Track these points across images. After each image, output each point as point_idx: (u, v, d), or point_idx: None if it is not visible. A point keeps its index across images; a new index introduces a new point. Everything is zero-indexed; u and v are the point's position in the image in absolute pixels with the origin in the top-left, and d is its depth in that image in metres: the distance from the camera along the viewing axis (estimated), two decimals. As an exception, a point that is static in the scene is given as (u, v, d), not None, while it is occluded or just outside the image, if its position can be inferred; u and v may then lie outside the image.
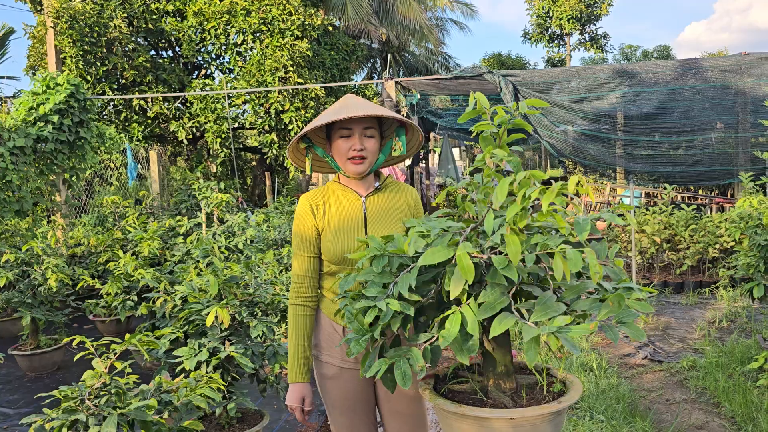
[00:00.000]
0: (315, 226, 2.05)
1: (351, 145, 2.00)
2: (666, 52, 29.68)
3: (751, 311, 5.96)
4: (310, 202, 2.08)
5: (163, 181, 10.59)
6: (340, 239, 2.01)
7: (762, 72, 7.81)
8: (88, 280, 4.62)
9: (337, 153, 2.04)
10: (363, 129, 2.01)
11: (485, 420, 1.34)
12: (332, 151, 2.08)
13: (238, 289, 3.13)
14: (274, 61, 8.99)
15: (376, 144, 2.05)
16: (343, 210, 2.05)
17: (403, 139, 2.08)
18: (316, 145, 2.14)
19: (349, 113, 1.93)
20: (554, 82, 8.34)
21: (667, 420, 3.71)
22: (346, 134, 2.01)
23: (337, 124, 2.02)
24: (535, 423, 1.33)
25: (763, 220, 4.20)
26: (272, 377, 3.15)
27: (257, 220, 6.13)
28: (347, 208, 2.06)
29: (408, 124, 2.08)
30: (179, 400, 2.40)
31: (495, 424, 1.33)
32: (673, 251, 7.32)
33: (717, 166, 8.53)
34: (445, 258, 1.32)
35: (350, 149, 2.01)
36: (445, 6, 21.86)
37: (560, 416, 1.40)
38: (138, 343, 2.42)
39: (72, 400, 2.19)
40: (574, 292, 1.31)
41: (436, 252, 1.33)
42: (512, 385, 1.47)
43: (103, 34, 8.79)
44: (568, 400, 1.40)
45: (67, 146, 7.38)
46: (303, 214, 2.07)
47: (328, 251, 2.02)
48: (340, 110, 1.98)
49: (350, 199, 2.07)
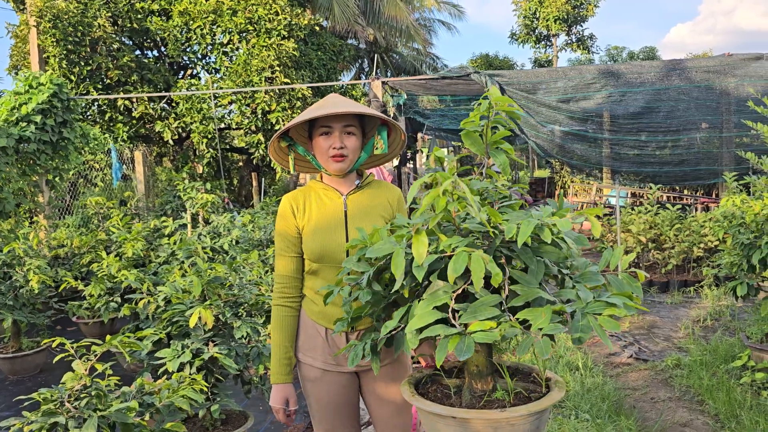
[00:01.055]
0: (296, 225, 2.05)
1: (331, 143, 2.00)
2: (652, 53, 29.94)
3: (735, 310, 6.01)
4: (291, 201, 2.08)
5: (148, 181, 10.50)
6: (319, 237, 2.01)
7: (745, 73, 7.88)
8: (71, 281, 4.57)
9: (318, 151, 2.04)
10: (343, 127, 2.00)
11: (465, 421, 1.33)
12: (313, 150, 2.07)
13: (222, 290, 3.10)
14: (261, 61, 8.95)
15: (357, 141, 2.04)
16: (324, 208, 2.05)
17: (384, 137, 2.07)
18: (297, 143, 2.13)
19: (327, 111, 1.93)
20: (541, 82, 8.37)
21: (652, 418, 3.73)
22: (326, 132, 2.01)
23: (318, 122, 2.02)
24: (515, 423, 1.32)
25: (746, 219, 4.24)
26: (257, 378, 3.13)
27: (243, 221, 6.10)
28: (328, 206, 2.05)
29: (389, 122, 2.08)
30: (161, 401, 2.37)
31: (473, 424, 1.32)
32: (658, 250, 7.37)
33: (702, 165, 8.59)
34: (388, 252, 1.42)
35: (330, 147, 2.00)
36: (433, 6, 21.89)
37: (542, 416, 1.39)
38: (119, 345, 2.39)
39: (52, 403, 2.16)
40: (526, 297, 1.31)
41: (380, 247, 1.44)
42: (486, 387, 1.46)
43: (87, 33, 8.70)
44: (549, 400, 1.39)
45: (50, 147, 7.29)
46: (284, 213, 2.07)
47: (308, 249, 2.02)
48: (319, 108, 1.98)
49: (331, 198, 2.06)
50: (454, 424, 1.34)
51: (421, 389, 1.60)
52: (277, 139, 2.11)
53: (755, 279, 4.25)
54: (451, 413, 1.35)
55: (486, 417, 1.32)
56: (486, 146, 1.54)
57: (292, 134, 2.14)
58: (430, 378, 1.66)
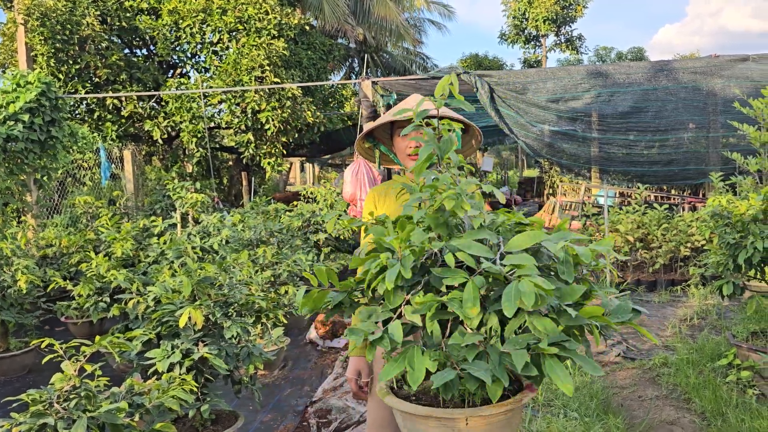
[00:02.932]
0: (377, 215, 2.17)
1: (408, 143, 2.14)
2: (640, 54, 30.14)
3: (721, 309, 6.07)
4: (374, 193, 2.26)
5: (137, 181, 10.45)
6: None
7: (732, 74, 7.95)
8: (60, 281, 4.55)
9: (398, 150, 2.21)
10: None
11: (429, 419, 1.34)
12: (394, 148, 2.24)
13: (212, 290, 3.10)
14: (251, 60, 8.92)
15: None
16: (403, 201, 2.18)
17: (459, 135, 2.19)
18: (380, 142, 2.30)
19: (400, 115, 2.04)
20: (530, 82, 8.40)
21: (639, 416, 3.77)
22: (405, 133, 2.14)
23: (397, 123, 2.16)
24: (491, 422, 1.33)
25: (732, 219, 4.28)
26: (247, 378, 3.13)
27: (233, 221, 6.09)
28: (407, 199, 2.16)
29: (467, 124, 2.18)
30: (151, 402, 2.37)
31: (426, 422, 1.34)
32: (646, 250, 7.43)
33: (690, 165, 8.66)
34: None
35: (407, 147, 2.15)
36: (422, 6, 21.90)
37: (516, 414, 1.39)
38: (109, 345, 2.39)
39: (40, 404, 2.15)
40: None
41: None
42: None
43: (76, 31, 8.64)
44: (521, 398, 1.39)
45: (38, 146, 7.24)
46: (368, 205, 2.25)
47: None
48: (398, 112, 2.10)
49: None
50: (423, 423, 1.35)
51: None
52: (361, 139, 2.27)
53: (741, 278, 4.30)
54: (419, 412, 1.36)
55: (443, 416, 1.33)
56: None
57: (376, 133, 2.30)
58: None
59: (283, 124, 9.29)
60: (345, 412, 3.98)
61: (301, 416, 4.01)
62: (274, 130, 9.09)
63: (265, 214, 7.39)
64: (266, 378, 4.75)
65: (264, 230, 6.04)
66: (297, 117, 9.47)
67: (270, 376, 4.79)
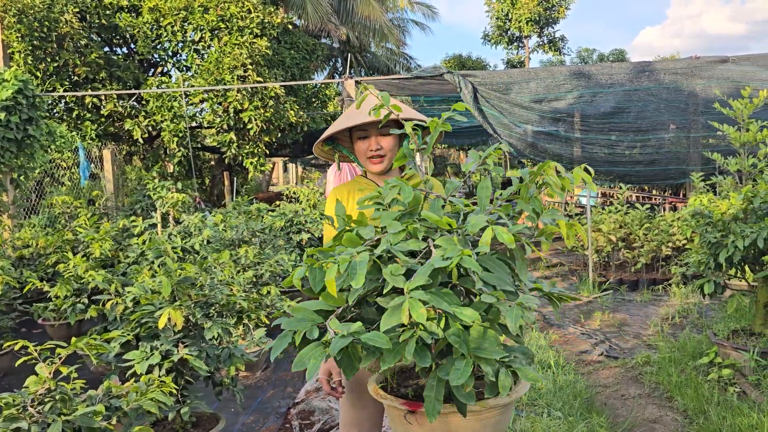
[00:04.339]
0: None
1: (368, 146, 2.12)
2: (621, 56, 30.44)
3: (702, 307, 6.12)
4: (336, 195, 2.22)
5: (117, 181, 10.31)
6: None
7: (712, 75, 8.04)
8: (36, 282, 4.46)
9: (358, 153, 2.18)
10: (378, 129, 2.10)
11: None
12: (354, 151, 2.20)
13: (193, 290, 3.05)
14: (233, 59, 8.85)
15: (394, 140, 2.14)
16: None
17: (419, 134, 2.14)
18: (341, 144, 2.26)
19: (352, 122, 2.04)
20: (513, 82, 8.42)
21: (623, 415, 3.78)
22: (362, 135, 2.13)
23: (355, 126, 2.11)
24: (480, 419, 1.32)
25: (713, 218, 4.31)
26: (228, 380, 3.08)
27: (215, 221, 6.02)
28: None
29: (424, 122, 2.15)
30: (129, 405, 2.32)
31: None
32: (628, 249, 7.48)
33: (672, 165, 8.73)
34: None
35: (368, 149, 2.12)
36: (406, 7, 21.90)
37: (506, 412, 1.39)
38: (86, 347, 2.33)
39: (14, 408, 2.09)
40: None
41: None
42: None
43: (54, 29, 8.51)
44: (509, 397, 1.38)
45: (14, 144, 7.11)
46: (331, 206, 2.19)
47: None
48: (350, 118, 2.08)
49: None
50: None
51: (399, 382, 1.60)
52: (320, 143, 2.23)
53: (722, 277, 4.33)
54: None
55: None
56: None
57: (335, 135, 2.24)
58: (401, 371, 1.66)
59: (266, 124, 9.23)
60: (328, 414, 3.94)
61: (283, 418, 3.97)
62: (256, 129, 9.02)
63: (247, 213, 7.32)
64: (248, 379, 4.70)
65: (246, 230, 5.98)
66: (280, 117, 9.41)
67: (252, 378, 4.73)
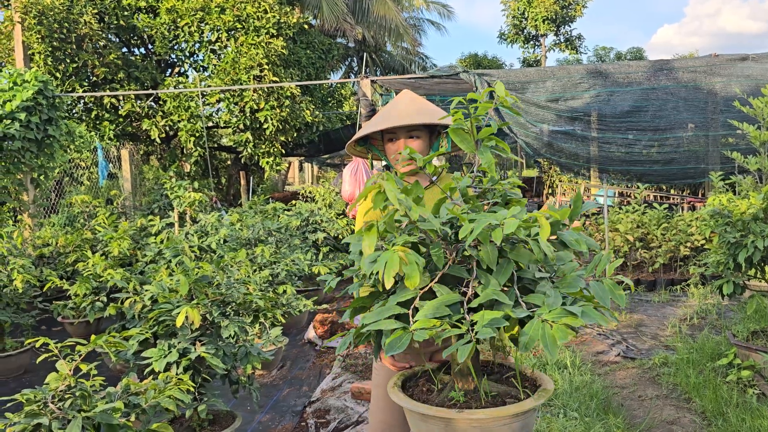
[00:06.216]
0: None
1: (396, 148, 2.15)
2: (639, 54, 30.16)
3: (721, 308, 6.05)
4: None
5: (135, 180, 10.42)
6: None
7: (731, 73, 7.94)
8: (56, 281, 4.52)
9: (388, 155, 2.21)
10: (407, 132, 2.13)
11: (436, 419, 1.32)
12: (385, 150, 2.24)
13: (210, 289, 3.07)
14: (249, 59, 8.90)
15: (422, 143, 2.16)
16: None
17: (449, 139, 2.17)
18: (373, 145, 2.29)
19: (383, 125, 2.07)
20: (530, 81, 8.38)
21: (640, 416, 3.75)
22: (391, 138, 2.16)
23: (386, 128, 2.14)
24: (491, 426, 1.30)
25: (733, 218, 4.26)
26: (244, 378, 3.10)
27: (231, 220, 6.06)
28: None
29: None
30: (147, 402, 2.34)
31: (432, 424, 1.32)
32: (645, 249, 7.41)
33: (690, 164, 8.64)
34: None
35: (396, 152, 2.15)
36: (422, 6, 21.87)
37: (528, 417, 1.37)
38: (105, 345, 2.36)
39: (35, 404, 2.13)
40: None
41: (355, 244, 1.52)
42: (468, 386, 1.45)
43: (73, 30, 8.61)
44: (533, 402, 1.37)
45: (35, 144, 7.21)
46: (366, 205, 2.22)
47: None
48: (384, 118, 2.11)
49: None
50: (431, 423, 1.34)
51: (412, 384, 1.59)
52: (353, 143, 2.26)
53: (741, 277, 4.28)
54: (420, 410, 1.35)
55: (442, 416, 1.32)
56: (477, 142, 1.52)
57: (369, 136, 2.28)
58: (424, 374, 1.65)
59: (282, 124, 9.27)
60: (343, 412, 3.95)
61: (299, 416, 3.99)
62: (272, 129, 9.07)
63: (264, 213, 7.36)
64: (264, 378, 4.73)
65: (262, 229, 6.01)
66: (296, 116, 9.44)
67: (268, 376, 4.76)
